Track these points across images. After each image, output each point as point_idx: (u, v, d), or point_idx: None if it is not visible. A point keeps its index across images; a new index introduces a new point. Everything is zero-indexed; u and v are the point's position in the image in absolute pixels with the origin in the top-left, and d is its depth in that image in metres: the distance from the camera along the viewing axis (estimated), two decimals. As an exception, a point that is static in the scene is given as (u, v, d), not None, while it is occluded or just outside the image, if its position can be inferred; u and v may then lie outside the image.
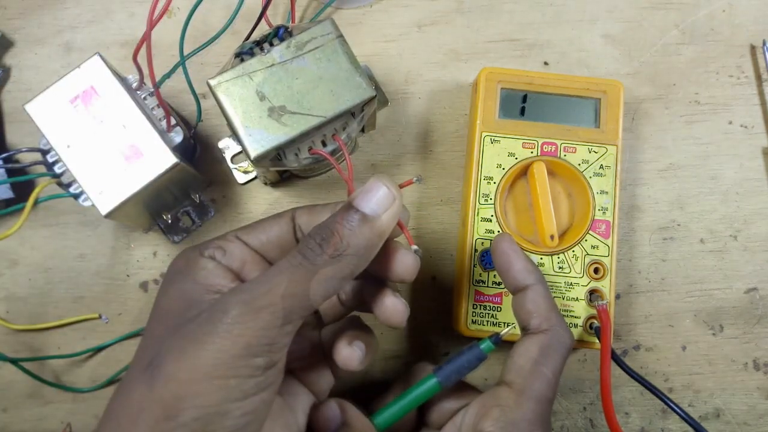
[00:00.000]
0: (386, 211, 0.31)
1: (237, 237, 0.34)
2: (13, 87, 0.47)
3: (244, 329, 0.28)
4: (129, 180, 0.38)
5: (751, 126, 0.47)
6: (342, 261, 0.30)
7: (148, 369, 0.28)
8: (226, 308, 0.28)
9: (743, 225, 0.46)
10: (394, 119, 0.47)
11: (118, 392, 0.30)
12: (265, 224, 0.35)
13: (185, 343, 0.28)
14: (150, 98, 0.41)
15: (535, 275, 0.36)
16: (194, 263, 0.32)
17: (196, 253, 0.33)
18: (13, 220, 0.45)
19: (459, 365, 0.35)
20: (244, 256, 0.33)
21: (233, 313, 0.28)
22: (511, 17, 0.48)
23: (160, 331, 0.30)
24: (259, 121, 0.35)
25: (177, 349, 0.28)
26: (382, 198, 0.31)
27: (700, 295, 0.46)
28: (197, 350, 0.28)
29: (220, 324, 0.28)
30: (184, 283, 0.32)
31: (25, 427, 0.44)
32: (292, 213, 0.35)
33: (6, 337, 0.45)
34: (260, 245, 0.34)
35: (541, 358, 0.34)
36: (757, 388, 0.45)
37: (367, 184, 0.31)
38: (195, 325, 0.29)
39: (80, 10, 0.48)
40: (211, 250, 0.33)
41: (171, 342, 0.29)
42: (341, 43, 0.36)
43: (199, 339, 0.28)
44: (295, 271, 0.29)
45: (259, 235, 0.34)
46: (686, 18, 0.49)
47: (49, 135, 0.38)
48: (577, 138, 0.43)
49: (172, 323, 0.30)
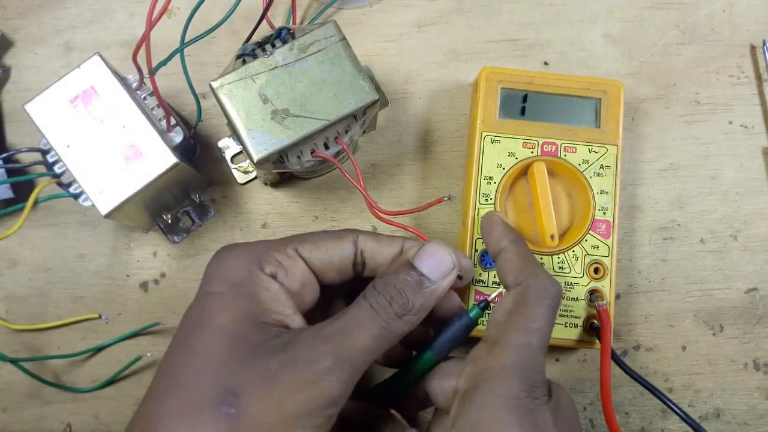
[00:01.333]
0: (446, 278, 0.33)
1: (298, 253, 0.33)
2: (13, 87, 0.47)
3: (334, 382, 0.28)
4: (129, 180, 0.38)
5: (751, 126, 0.47)
6: (405, 320, 0.31)
7: (222, 405, 0.27)
8: (314, 357, 0.28)
9: (743, 225, 0.46)
10: (394, 119, 0.47)
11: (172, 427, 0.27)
12: (327, 243, 0.34)
13: (268, 383, 0.27)
14: (150, 98, 0.41)
15: (509, 237, 0.36)
16: (257, 280, 0.31)
17: (256, 266, 0.31)
18: (13, 220, 0.45)
19: (450, 335, 0.34)
20: (304, 278, 0.33)
21: (325, 363, 0.28)
22: (511, 17, 0.48)
23: (222, 353, 0.29)
24: (262, 123, 0.35)
25: (258, 389, 0.27)
26: (447, 267, 0.33)
27: (700, 295, 0.46)
28: (285, 395, 0.27)
29: (310, 372, 0.28)
30: (246, 301, 0.30)
31: (25, 427, 0.44)
32: (354, 236, 0.34)
33: (6, 337, 0.44)
34: (320, 266, 0.34)
35: (516, 308, 0.32)
36: (757, 388, 0.45)
37: (428, 245, 0.33)
38: (276, 365, 0.28)
39: (80, 10, 0.48)
40: (273, 267, 0.32)
41: (248, 377, 0.28)
42: (344, 46, 0.36)
43: (286, 384, 0.27)
44: (371, 326, 0.30)
45: (321, 255, 0.33)
46: (686, 18, 0.49)
47: (49, 135, 0.38)
48: (577, 138, 0.43)
49: (238, 348, 0.29)
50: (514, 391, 0.29)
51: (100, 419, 0.44)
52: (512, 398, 0.29)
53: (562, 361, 0.45)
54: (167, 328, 0.45)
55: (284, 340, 0.29)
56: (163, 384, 0.29)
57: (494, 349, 0.31)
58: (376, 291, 0.31)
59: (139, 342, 0.44)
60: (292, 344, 0.29)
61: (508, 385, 0.30)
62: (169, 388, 0.28)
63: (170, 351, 0.30)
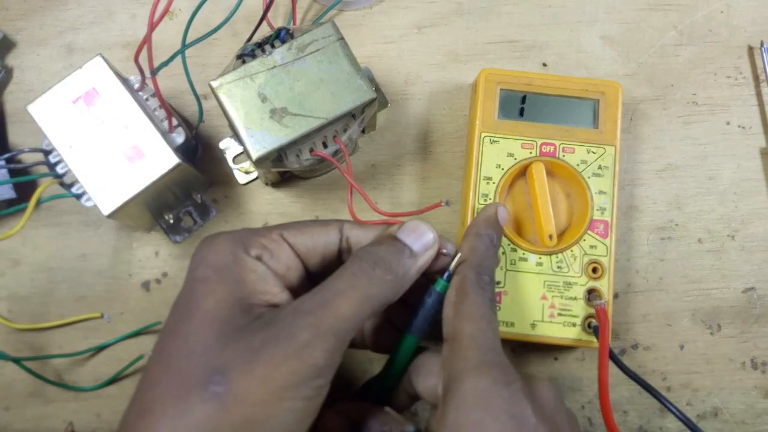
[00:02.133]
0: (428, 251, 0.33)
1: (283, 238, 0.33)
2: (16, 88, 0.47)
3: (314, 352, 0.28)
4: (131, 180, 0.38)
5: (748, 127, 0.48)
6: (388, 285, 0.31)
7: (209, 385, 0.27)
8: (293, 331, 0.28)
9: (741, 225, 0.46)
10: (394, 120, 0.47)
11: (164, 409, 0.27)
12: (313, 230, 0.34)
13: (251, 361, 0.28)
14: (152, 99, 0.41)
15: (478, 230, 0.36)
16: (242, 262, 0.31)
17: (240, 250, 0.32)
18: (15, 220, 0.45)
19: (424, 314, 0.35)
20: (289, 261, 0.33)
21: (304, 336, 0.28)
22: (510, 19, 0.49)
23: (210, 337, 0.29)
24: (261, 122, 0.36)
25: (242, 366, 0.28)
26: (429, 241, 0.34)
27: (698, 295, 0.46)
28: (269, 371, 0.27)
29: (290, 346, 0.28)
30: (232, 285, 0.31)
31: (27, 426, 0.44)
32: (339, 225, 0.35)
33: (8, 337, 0.45)
34: (305, 251, 0.34)
35: (458, 298, 0.33)
36: (755, 387, 0.45)
37: (411, 222, 0.34)
38: (258, 343, 0.28)
39: (82, 12, 0.48)
40: (258, 250, 0.32)
41: (233, 356, 0.28)
42: (342, 46, 0.36)
43: (269, 360, 0.28)
44: (352, 294, 0.30)
45: (306, 240, 0.34)
46: (684, 19, 0.49)
47: (52, 135, 0.38)
48: (575, 138, 0.43)
49: (225, 331, 0.29)
50: (483, 384, 0.30)
51: (102, 418, 0.44)
52: (483, 393, 0.29)
53: (561, 360, 0.45)
54: (168, 327, 0.45)
55: (267, 319, 0.29)
56: (154, 370, 0.30)
57: (454, 347, 0.32)
58: (358, 258, 0.31)
59: (141, 341, 0.45)
60: (273, 321, 0.29)
61: (475, 381, 0.30)
62: (161, 373, 0.29)
63: (161, 338, 0.31)
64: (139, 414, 0.28)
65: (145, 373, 0.30)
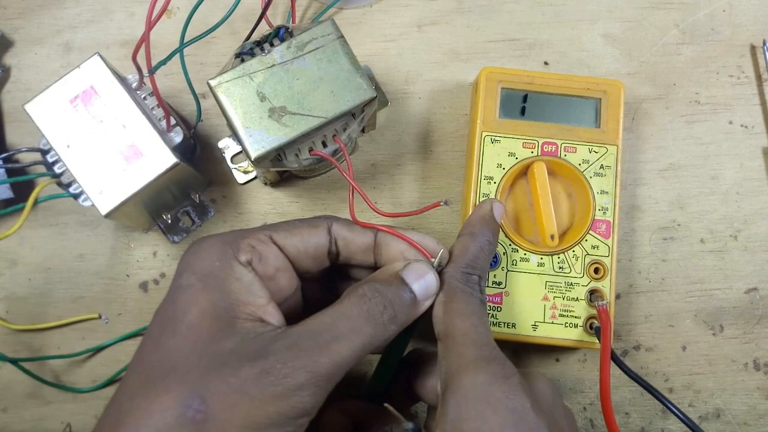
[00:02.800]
0: (428, 300, 0.33)
1: (273, 240, 0.33)
2: (13, 87, 0.47)
3: (305, 396, 0.28)
4: (129, 180, 0.38)
5: (751, 126, 0.47)
6: (389, 333, 0.31)
7: (187, 409, 0.26)
8: (286, 371, 0.27)
9: (743, 225, 0.46)
10: (394, 119, 0.47)
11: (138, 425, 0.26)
12: (302, 231, 0.34)
13: (237, 393, 0.27)
14: (150, 98, 0.41)
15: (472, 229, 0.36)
16: (228, 269, 0.30)
17: (229, 254, 0.31)
18: (12, 220, 0.45)
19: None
20: (278, 263, 0.33)
21: (297, 379, 0.27)
22: (511, 17, 0.48)
23: (192, 355, 0.28)
24: (260, 121, 0.35)
25: (226, 396, 0.27)
26: (433, 290, 0.33)
27: (701, 295, 0.46)
28: (254, 408, 0.27)
29: (280, 387, 0.27)
30: (215, 294, 0.30)
31: (25, 427, 0.44)
32: (328, 223, 0.34)
33: (6, 337, 0.44)
34: (296, 253, 0.33)
35: (447, 297, 0.33)
36: (758, 388, 0.45)
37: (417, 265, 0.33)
38: (248, 375, 0.27)
39: (80, 10, 0.48)
40: (247, 254, 0.31)
41: (217, 384, 0.27)
42: (342, 44, 0.36)
43: (255, 396, 0.27)
44: (354, 339, 0.29)
45: (297, 242, 0.33)
46: (686, 18, 0.49)
47: (49, 135, 0.38)
48: (577, 138, 0.43)
49: (209, 350, 0.28)
50: (482, 379, 0.29)
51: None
52: (482, 387, 0.29)
53: (563, 361, 0.45)
54: (167, 328, 0.45)
55: (258, 348, 0.28)
56: (132, 381, 0.29)
57: (448, 344, 0.32)
58: (366, 297, 0.31)
59: (139, 342, 0.44)
60: (264, 354, 0.28)
61: (473, 377, 0.30)
62: (138, 385, 0.28)
63: (142, 346, 0.30)
64: (112, 425, 0.27)
65: (122, 382, 0.29)
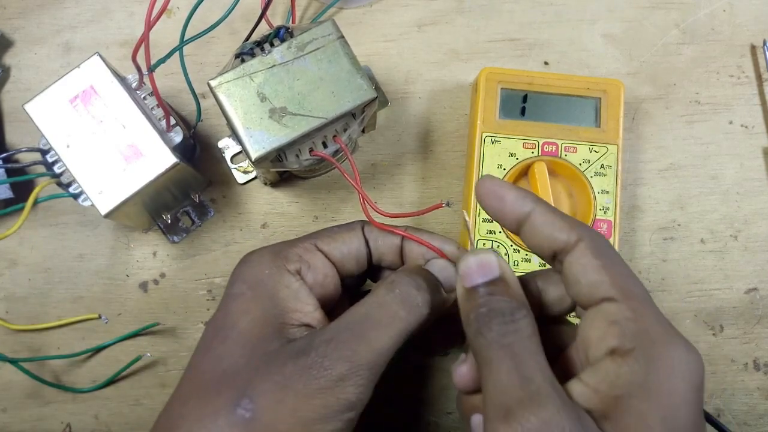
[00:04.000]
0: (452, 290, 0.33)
1: (317, 247, 0.33)
2: (13, 87, 0.47)
3: (348, 387, 0.28)
4: (128, 180, 0.38)
5: (751, 126, 0.47)
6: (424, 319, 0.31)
7: (237, 408, 0.27)
8: (328, 363, 0.28)
9: (744, 225, 0.46)
10: (394, 119, 0.47)
11: (190, 427, 0.28)
12: (344, 236, 0.34)
13: (282, 390, 0.28)
14: (149, 98, 0.41)
15: (531, 197, 0.30)
16: (278, 277, 0.31)
17: (280, 263, 0.32)
18: (12, 220, 0.44)
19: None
20: (326, 269, 0.33)
21: (338, 370, 0.28)
22: (511, 17, 0.48)
23: (241, 359, 0.29)
24: (260, 122, 0.35)
25: (273, 394, 0.28)
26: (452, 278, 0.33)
27: (701, 295, 0.45)
28: (300, 403, 0.27)
29: (324, 379, 0.28)
30: (265, 302, 0.31)
31: (25, 428, 0.44)
32: (361, 225, 0.35)
33: (5, 338, 0.44)
34: (340, 257, 0.34)
35: (601, 260, 0.28)
36: (758, 388, 0.45)
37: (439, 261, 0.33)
38: (290, 371, 0.28)
39: (79, 10, 0.48)
40: (297, 264, 0.32)
41: (263, 383, 0.28)
42: (342, 44, 0.36)
43: (300, 391, 0.28)
44: (391, 325, 0.29)
45: (341, 247, 0.34)
46: (687, 17, 0.49)
47: (49, 135, 0.38)
48: (577, 138, 0.43)
49: (256, 353, 0.29)
50: (679, 356, 0.26)
51: (99, 419, 0.44)
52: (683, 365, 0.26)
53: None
54: (167, 328, 0.45)
55: (301, 346, 0.29)
56: (185, 386, 0.30)
57: (633, 305, 0.27)
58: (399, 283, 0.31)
59: (139, 342, 0.44)
60: (307, 350, 0.29)
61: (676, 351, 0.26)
62: (191, 390, 0.30)
63: (196, 353, 0.31)
64: (166, 429, 0.29)
65: (177, 388, 0.31)
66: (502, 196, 0.30)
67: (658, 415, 0.25)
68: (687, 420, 0.25)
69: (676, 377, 0.25)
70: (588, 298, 0.28)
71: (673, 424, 0.25)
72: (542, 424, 0.24)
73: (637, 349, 0.26)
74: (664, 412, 0.25)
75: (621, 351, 0.26)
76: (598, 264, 0.28)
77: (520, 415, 0.24)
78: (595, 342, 0.27)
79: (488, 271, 0.29)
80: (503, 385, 0.26)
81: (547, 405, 0.25)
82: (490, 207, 0.30)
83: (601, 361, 0.26)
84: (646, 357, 0.26)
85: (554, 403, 0.25)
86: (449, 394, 0.44)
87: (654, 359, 0.26)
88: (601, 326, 0.27)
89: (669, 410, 0.25)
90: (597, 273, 0.28)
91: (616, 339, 0.26)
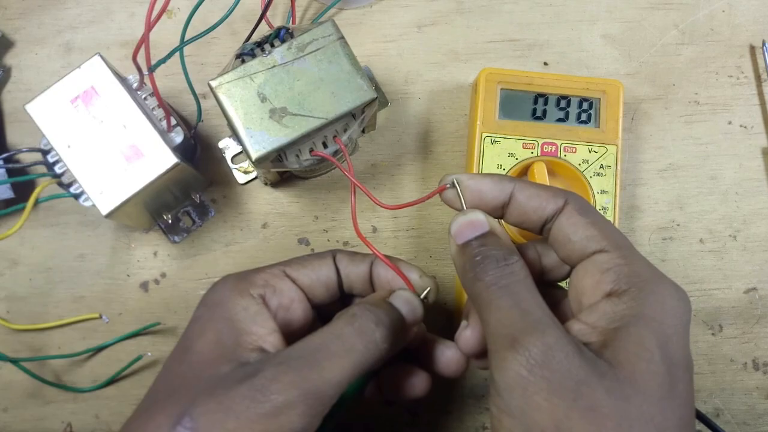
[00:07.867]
0: (416, 323, 0.33)
1: (286, 273, 0.34)
2: (14, 87, 0.47)
3: (292, 415, 0.27)
4: (129, 180, 0.38)
5: (750, 126, 0.47)
6: (382, 354, 0.30)
7: (177, 425, 0.27)
8: (273, 388, 0.27)
9: (743, 225, 0.46)
10: (394, 119, 0.47)
11: (138, 429, 0.28)
12: (314, 263, 0.35)
13: (225, 412, 0.27)
14: (150, 98, 0.41)
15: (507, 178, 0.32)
16: (237, 300, 0.31)
17: (243, 286, 0.32)
18: (13, 220, 0.45)
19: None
20: (292, 294, 0.33)
21: (284, 396, 0.27)
22: (510, 17, 0.48)
23: (193, 379, 0.29)
24: (261, 122, 0.35)
25: (214, 415, 0.27)
26: (417, 311, 0.33)
27: (700, 295, 0.46)
28: (241, 426, 0.27)
29: (268, 404, 0.27)
30: (220, 324, 0.31)
31: (26, 427, 0.44)
32: (332, 254, 0.35)
33: (6, 337, 0.45)
34: (309, 284, 0.34)
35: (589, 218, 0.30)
36: (757, 387, 0.45)
37: (403, 293, 0.33)
38: (235, 394, 0.27)
39: (80, 10, 0.48)
40: (261, 288, 0.32)
41: (207, 403, 0.28)
42: (342, 45, 0.36)
43: (241, 414, 0.27)
44: (346, 357, 0.29)
45: (310, 273, 0.34)
46: (686, 18, 0.49)
47: (50, 135, 0.38)
48: (577, 138, 0.43)
49: (206, 374, 0.29)
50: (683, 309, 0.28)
51: (100, 419, 0.44)
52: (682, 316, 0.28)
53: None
54: (167, 327, 0.45)
55: (249, 369, 0.29)
56: (142, 402, 0.31)
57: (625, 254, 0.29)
58: (358, 317, 0.31)
59: (140, 342, 0.44)
60: (255, 373, 0.28)
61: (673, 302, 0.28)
62: (144, 406, 0.30)
63: (160, 372, 0.32)
64: None
65: (141, 401, 0.31)
66: (480, 189, 0.32)
67: (654, 340, 0.26)
68: (678, 348, 0.27)
69: (668, 312, 0.27)
70: (580, 253, 0.30)
71: (667, 350, 0.26)
72: (547, 348, 0.26)
73: (631, 288, 0.28)
74: (660, 339, 0.26)
75: (617, 292, 0.28)
76: (587, 221, 0.30)
77: (525, 341, 0.26)
78: (590, 290, 0.29)
79: (478, 227, 0.31)
80: (505, 319, 0.28)
81: (549, 332, 0.26)
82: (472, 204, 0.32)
83: (598, 303, 0.28)
84: (640, 294, 0.27)
85: (555, 331, 0.27)
86: (448, 393, 0.44)
87: (647, 295, 0.27)
88: (595, 275, 0.29)
89: (663, 338, 0.27)
90: (587, 229, 0.30)
91: (611, 283, 0.28)
